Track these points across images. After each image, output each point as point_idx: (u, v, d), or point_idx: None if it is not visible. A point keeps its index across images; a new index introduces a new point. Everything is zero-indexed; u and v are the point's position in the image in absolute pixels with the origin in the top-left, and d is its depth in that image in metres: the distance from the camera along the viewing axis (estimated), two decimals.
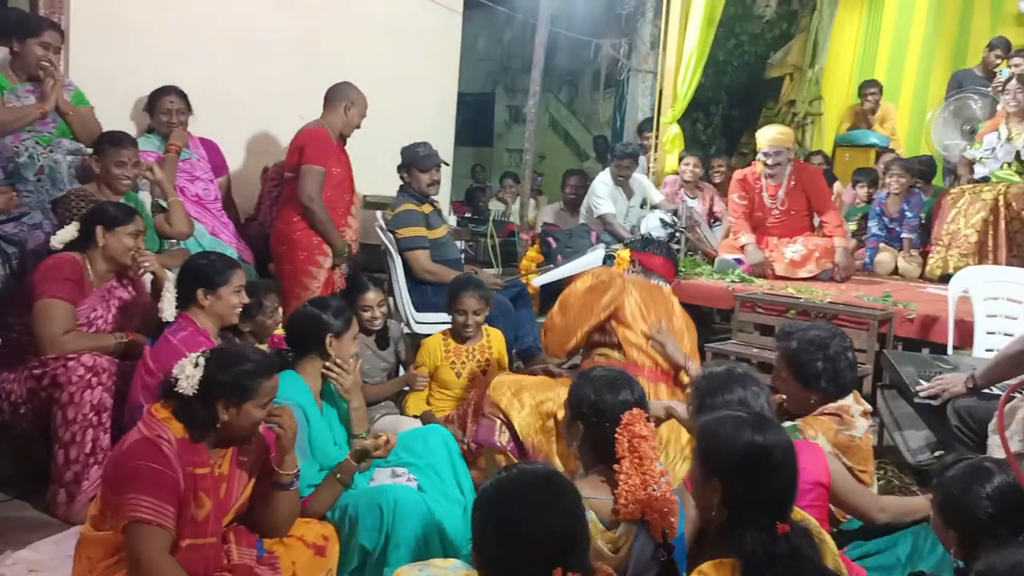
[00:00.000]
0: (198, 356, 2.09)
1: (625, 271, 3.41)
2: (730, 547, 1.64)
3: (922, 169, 6.35)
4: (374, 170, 4.89)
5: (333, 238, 4.13)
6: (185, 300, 2.89)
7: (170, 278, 3.05)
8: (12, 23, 3.63)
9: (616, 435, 2.00)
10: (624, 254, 3.50)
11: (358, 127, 4.31)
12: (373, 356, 3.73)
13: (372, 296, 3.68)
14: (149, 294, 3.23)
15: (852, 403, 2.65)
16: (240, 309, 2.97)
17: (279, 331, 3.30)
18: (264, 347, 3.66)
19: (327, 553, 2.32)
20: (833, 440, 2.55)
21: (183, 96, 4.09)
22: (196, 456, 2.05)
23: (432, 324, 4.20)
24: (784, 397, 2.78)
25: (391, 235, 4.41)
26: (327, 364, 2.70)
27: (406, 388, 3.66)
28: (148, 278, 3.24)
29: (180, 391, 2.04)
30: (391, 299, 4.35)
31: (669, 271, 3.42)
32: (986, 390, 3.04)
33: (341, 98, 4.24)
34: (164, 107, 4.03)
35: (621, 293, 3.17)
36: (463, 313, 3.64)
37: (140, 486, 1.93)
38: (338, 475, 2.45)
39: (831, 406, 2.64)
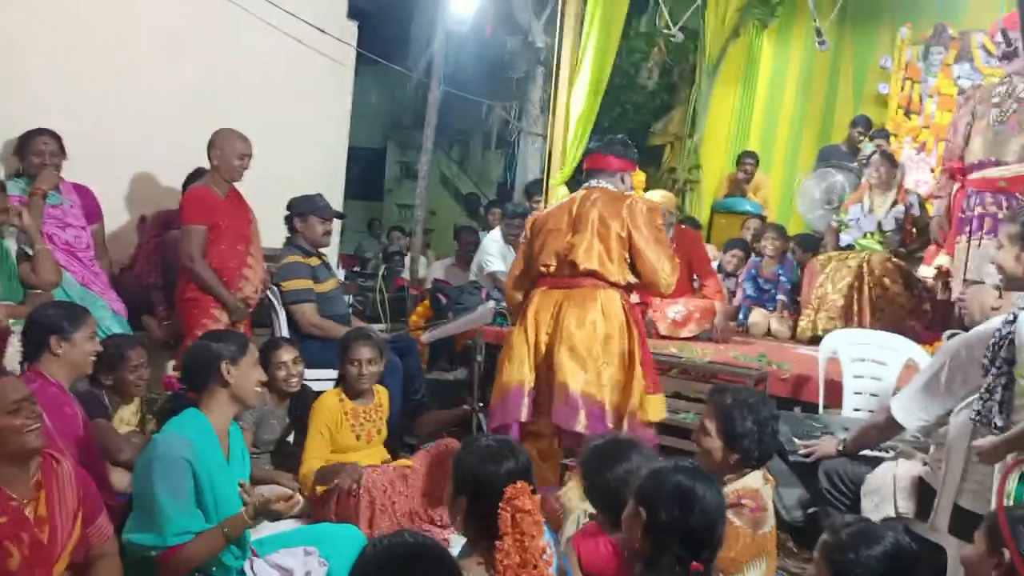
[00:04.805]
0: None
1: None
2: None
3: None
4: (261, 220, 4.79)
5: (222, 296, 4.01)
6: (34, 351, 2.72)
7: (14, 330, 2.88)
8: None
9: (499, 510, 1.89)
10: None
11: (244, 167, 4.18)
12: (278, 424, 3.60)
13: (286, 354, 3.55)
14: None
15: (761, 484, 2.66)
16: (94, 357, 2.83)
17: (173, 373, 3.16)
18: (131, 406, 3.48)
19: None
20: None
21: (57, 138, 3.92)
22: None
23: (319, 381, 4.09)
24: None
25: (276, 288, 4.30)
26: (241, 482, 2.49)
27: None
28: None
29: None
30: None
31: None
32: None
33: (210, 147, 4.14)
34: (37, 148, 3.85)
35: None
36: (356, 364, 3.48)
37: None
38: (226, 528, 2.30)
39: (748, 488, 2.64)
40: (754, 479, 2.68)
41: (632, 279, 3.47)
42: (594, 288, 3.39)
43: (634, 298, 3.65)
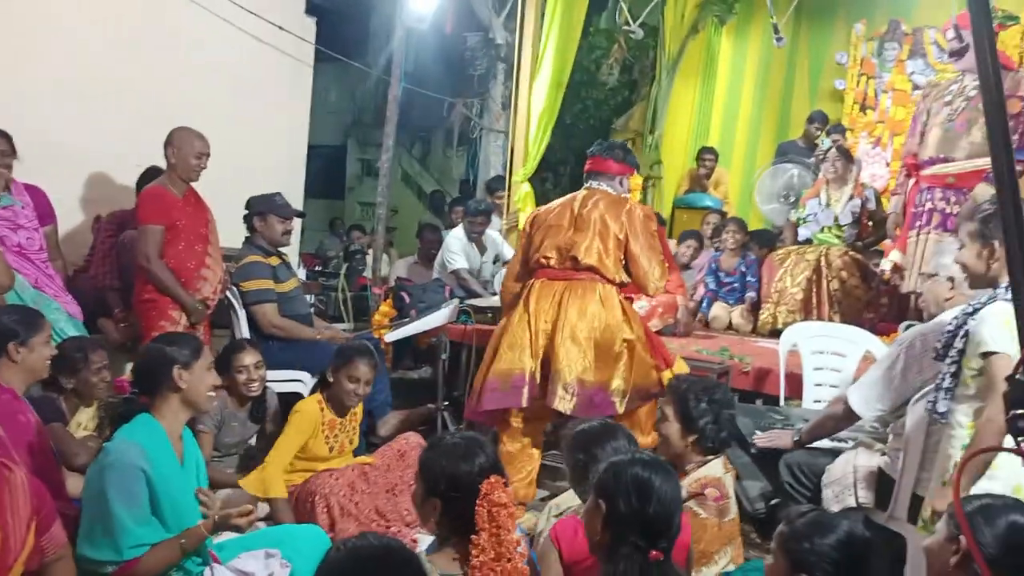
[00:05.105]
0: None
1: None
2: (608, 570, 1.77)
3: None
4: (219, 220, 4.72)
5: (179, 297, 3.95)
6: None
7: None
8: None
9: (476, 507, 1.90)
10: None
11: (201, 166, 4.10)
12: (240, 427, 3.54)
13: (249, 357, 3.49)
14: None
15: (723, 473, 2.73)
16: (49, 361, 2.80)
17: (126, 376, 3.10)
18: (89, 410, 3.42)
19: None
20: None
21: (7, 138, 3.82)
22: None
23: (279, 382, 4.05)
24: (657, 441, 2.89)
25: (235, 288, 4.24)
26: (199, 489, 2.45)
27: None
28: None
29: None
30: None
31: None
32: (816, 445, 3.24)
33: (166, 146, 4.05)
34: None
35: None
36: (355, 381, 3.38)
37: None
38: (183, 541, 2.26)
39: (710, 476, 2.70)
40: (715, 467, 2.76)
41: (625, 278, 3.69)
42: (592, 281, 3.60)
43: None
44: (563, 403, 3.46)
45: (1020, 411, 1.28)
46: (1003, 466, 2.37)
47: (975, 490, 2.34)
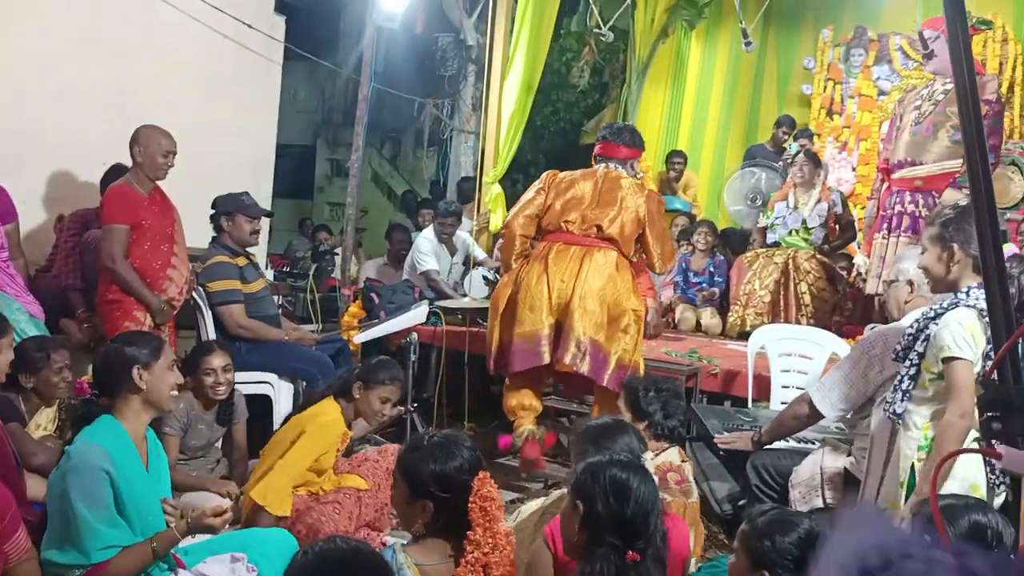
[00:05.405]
0: None
1: None
2: (584, 570, 1.79)
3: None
4: (186, 220, 4.66)
5: (145, 298, 3.88)
6: None
7: None
8: None
9: (469, 504, 1.91)
10: None
11: (168, 164, 4.02)
12: (206, 430, 3.49)
13: (217, 360, 3.43)
14: None
15: (680, 461, 2.84)
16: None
17: (87, 377, 3.02)
18: (49, 411, 3.35)
19: None
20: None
21: None
22: None
23: (247, 384, 4.00)
24: None
25: (201, 288, 4.19)
26: (164, 500, 2.39)
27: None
28: None
29: None
30: None
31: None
32: (779, 443, 3.28)
33: (132, 144, 3.98)
34: None
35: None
36: (387, 402, 3.26)
37: None
38: (154, 544, 2.22)
39: (669, 462, 2.80)
40: (672, 455, 2.89)
41: (633, 257, 4.02)
42: (610, 250, 3.86)
43: None
44: (575, 360, 3.66)
45: (993, 413, 1.29)
46: (960, 466, 2.42)
47: None
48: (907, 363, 2.54)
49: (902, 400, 2.52)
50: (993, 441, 1.30)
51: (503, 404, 4.04)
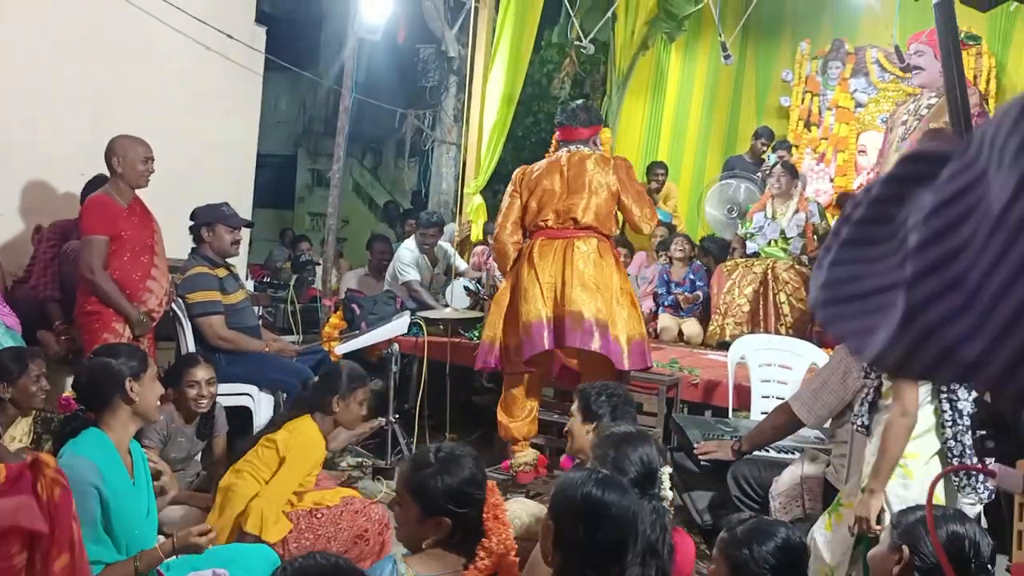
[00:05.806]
0: None
1: None
2: None
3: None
4: (166, 231, 4.64)
5: (124, 310, 3.84)
6: None
7: None
8: None
9: (485, 515, 1.86)
10: None
11: (149, 171, 3.98)
12: (186, 443, 3.45)
13: (201, 372, 3.40)
14: None
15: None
16: None
17: (70, 392, 2.98)
18: (24, 424, 3.31)
19: None
20: None
21: None
22: None
23: (227, 396, 3.97)
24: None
25: (181, 300, 4.16)
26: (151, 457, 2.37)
27: None
28: None
29: None
30: None
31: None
32: (759, 454, 3.30)
33: (109, 156, 3.93)
34: None
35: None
36: (363, 404, 3.27)
37: None
38: (138, 563, 2.20)
39: None
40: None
41: (616, 232, 4.21)
42: (591, 237, 4.00)
43: None
44: (587, 340, 3.81)
45: (986, 432, 1.31)
46: (918, 475, 2.47)
47: (892, 497, 2.43)
48: (871, 376, 2.60)
49: (868, 412, 2.57)
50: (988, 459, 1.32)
51: (499, 427, 4.15)
